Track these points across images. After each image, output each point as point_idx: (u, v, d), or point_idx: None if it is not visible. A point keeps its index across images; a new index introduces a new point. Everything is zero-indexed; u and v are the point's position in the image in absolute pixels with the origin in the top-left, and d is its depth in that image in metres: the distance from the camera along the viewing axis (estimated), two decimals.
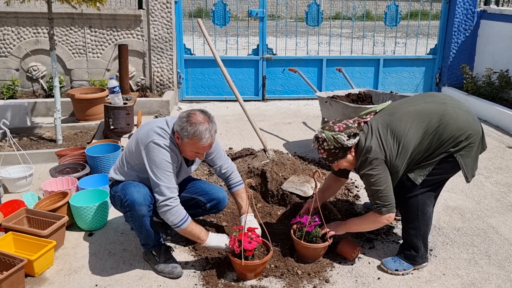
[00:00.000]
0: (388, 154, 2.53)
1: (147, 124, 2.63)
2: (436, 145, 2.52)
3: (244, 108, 4.08)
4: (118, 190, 2.63)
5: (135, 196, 2.51)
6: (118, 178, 2.68)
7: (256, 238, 2.61)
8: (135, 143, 2.58)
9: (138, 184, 2.59)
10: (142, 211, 2.53)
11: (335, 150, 2.57)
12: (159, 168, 2.47)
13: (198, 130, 2.43)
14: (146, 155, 2.49)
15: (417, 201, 2.62)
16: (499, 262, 2.86)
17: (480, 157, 4.64)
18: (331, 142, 2.56)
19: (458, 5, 6.60)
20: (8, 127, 3.90)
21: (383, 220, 2.59)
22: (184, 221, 2.51)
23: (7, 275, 2.40)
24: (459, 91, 6.59)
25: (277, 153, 3.97)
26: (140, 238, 2.70)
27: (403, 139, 2.53)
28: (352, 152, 2.62)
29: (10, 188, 3.69)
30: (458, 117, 2.53)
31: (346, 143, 2.54)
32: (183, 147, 2.54)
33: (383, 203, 2.55)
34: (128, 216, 2.61)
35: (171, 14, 6.04)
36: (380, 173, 2.52)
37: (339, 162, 2.65)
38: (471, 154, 2.54)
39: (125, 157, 2.67)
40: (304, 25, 6.98)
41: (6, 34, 5.85)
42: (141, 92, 6.18)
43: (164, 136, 2.52)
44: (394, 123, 2.57)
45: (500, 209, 3.56)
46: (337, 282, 2.63)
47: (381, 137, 2.56)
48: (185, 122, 2.45)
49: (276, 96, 6.83)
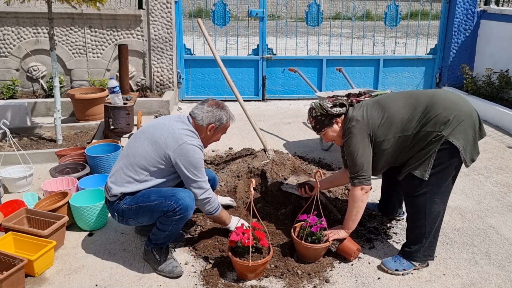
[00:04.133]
0: (371, 123, 2.63)
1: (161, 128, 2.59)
2: (424, 121, 2.55)
3: (244, 108, 4.08)
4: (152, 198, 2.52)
5: (187, 201, 2.52)
6: (130, 190, 2.57)
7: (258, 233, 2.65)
8: (157, 149, 2.53)
9: (181, 189, 2.59)
10: (191, 214, 2.60)
11: (321, 117, 2.75)
12: (197, 167, 2.56)
13: (229, 111, 2.75)
14: (181, 157, 2.52)
15: (425, 199, 2.61)
16: (499, 262, 2.86)
17: (480, 157, 4.68)
18: (318, 110, 2.75)
19: (458, 5, 6.60)
20: (8, 127, 3.90)
21: (358, 193, 2.66)
22: (218, 208, 2.73)
23: (7, 275, 2.40)
24: (459, 91, 6.59)
25: (277, 153, 3.97)
26: (160, 239, 2.64)
27: (388, 110, 2.64)
28: (339, 123, 2.76)
29: (10, 188, 3.69)
30: (446, 98, 2.60)
31: (330, 110, 2.71)
32: (213, 135, 2.72)
33: (355, 174, 2.63)
34: (172, 221, 2.53)
35: (171, 14, 6.04)
36: (357, 142, 2.61)
37: (326, 131, 2.78)
38: (467, 137, 2.54)
39: (139, 167, 2.56)
40: (304, 25, 6.98)
41: (6, 34, 5.85)
42: (141, 92, 6.18)
43: (193, 136, 2.60)
44: (383, 99, 2.73)
45: (500, 209, 3.56)
46: (337, 282, 2.64)
47: (367, 109, 2.70)
48: (218, 110, 2.68)
49: (276, 96, 6.83)
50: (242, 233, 2.59)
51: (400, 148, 2.63)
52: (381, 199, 3.35)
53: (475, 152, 2.61)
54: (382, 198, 3.34)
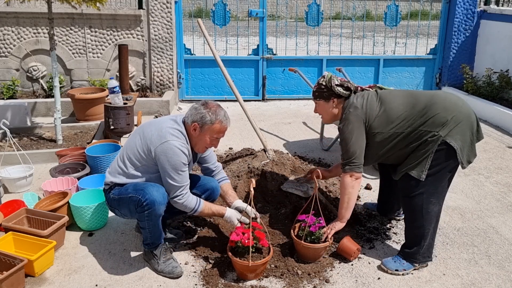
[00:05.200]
0: (368, 113, 2.67)
1: (153, 124, 2.63)
2: (421, 121, 2.58)
3: (244, 108, 4.08)
4: (129, 191, 2.57)
5: (155, 196, 2.50)
6: (120, 181, 2.64)
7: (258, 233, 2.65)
8: (143, 143, 2.57)
9: (154, 184, 2.57)
10: (161, 210, 2.55)
11: (324, 87, 2.80)
12: (174, 168, 2.52)
13: (219, 114, 2.58)
14: (161, 155, 2.51)
15: (422, 199, 2.62)
16: (499, 262, 2.86)
17: (480, 157, 4.68)
18: (325, 80, 2.81)
19: (458, 5, 6.60)
20: (8, 127, 3.90)
21: (347, 180, 2.69)
22: (198, 204, 2.65)
23: (7, 275, 2.40)
24: (459, 91, 6.59)
25: (277, 153, 3.97)
26: (147, 238, 2.68)
27: (387, 105, 2.68)
28: (334, 102, 2.80)
29: (10, 188, 3.69)
30: (446, 99, 2.63)
31: (334, 86, 2.76)
32: (200, 137, 2.60)
33: (347, 160, 2.68)
34: (144, 216, 2.55)
35: (171, 14, 6.04)
36: (353, 129, 2.65)
37: (320, 103, 2.84)
38: (464, 139, 2.55)
39: (127, 159, 2.63)
40: (304, 25, 6.98)
41: (6, 34, 5.85)
42: (141, 92, 6.18)
43: (178, 136, 2.56)
44: (385, 94, 2.77)
45: (500, 209, 3.56)
46: (337, 282, 2.64)
47: (368, 99, 2.74)
48: (204, 110, 2.57)
49: (276, 96, 6.83)
50: (242, 233, 2.59)
51: (393, 144, 2.66)
52: (379, 200, 3.35)
53: (472, 153, 2.62)
54: (380, 198, 3.34)
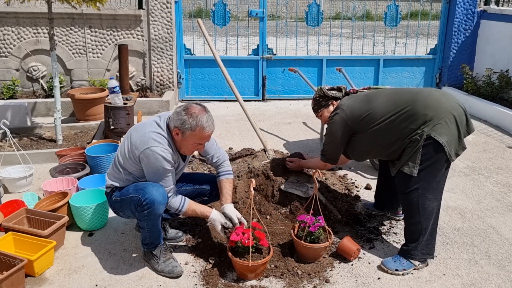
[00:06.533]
0: (354, 113, 2.77)
1: (139, 129, 2.60)
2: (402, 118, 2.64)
3: (244, 108, 4.08)
4: (129, 191, 2.57)
5: (155, 195, 2.50)
6: (118, 185, 2.67)
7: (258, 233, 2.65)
8: (129, 149, 2.57)
9: (155, 184, 2.56)
10: (160, 210, 2.54)
11: (319, 98, 3.00)
12: (156, 174, 2.54)
13: (200, 120, 2.49)
14: (143, 161, 2.52)
15: (417, 195, 2.64)
16: (499, 262, 2.86)
17: (480, 157, 4.68)
18: (318, 92, 3.02)
19: (458, 5, 6.60)
20: (8, 127, 3.90)
21: (321, 164, 3.09)
22: (183, 204, 2.64)
23: (7, 275, 2.40)
24: (459, 91, 6.59)
25: (277, 153, 3.97)
26: (146, 238, 2.68)
27: (372, 104, 2.76)
28: (334, 105, 2.95)
29: (10, 188, 3.69)
30: (428, 96, 2.67)
31: (327, 91, 2.96)
32: (183, 142, 2.55)
33: (325, 152, 2.99)
34: (143, 216, 2.54)
35: (171, 14, 6.04)
36: (335, 131, 2.82)
37: (322, 112, 3.01)
38: (450, 133, 2.58)
39: (119, 164, 2.64)
40: (304, 25, 6.98)
41: (6, 34, 5.85)
42: (141, 92, 6.18)
43: (160, 141, 2.51)
44: (373, 93, 2.87)
45: (500, 209, 3.56)
46: (337, 282, 2.64)
47: (356, 100, 2.84)
48: (184, 115, 2.49)
49: (276, 96, 6.83)
50: (242, 233, 2.59)
51: (379, 142, 2.73)
52: (377, 195, 3.35)
53: (460, 147, 2.65)
54: (378, 193, 3.34)
